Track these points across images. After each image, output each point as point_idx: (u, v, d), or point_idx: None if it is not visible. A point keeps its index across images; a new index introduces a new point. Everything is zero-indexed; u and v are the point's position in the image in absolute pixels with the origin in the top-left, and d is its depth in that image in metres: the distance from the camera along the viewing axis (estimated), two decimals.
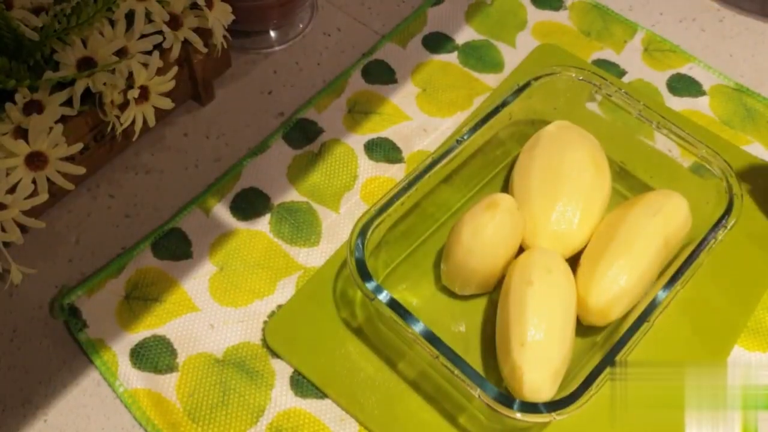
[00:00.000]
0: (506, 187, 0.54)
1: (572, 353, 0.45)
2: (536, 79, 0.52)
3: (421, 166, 0.48)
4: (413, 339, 0.42)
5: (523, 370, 0.42)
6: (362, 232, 0.45)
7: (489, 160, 0.54)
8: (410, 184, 0.47)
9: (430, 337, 0.41)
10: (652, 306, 0.43)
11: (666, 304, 0.43)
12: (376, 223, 0.45)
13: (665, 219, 0.47)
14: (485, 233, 0.45)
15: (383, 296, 0.43)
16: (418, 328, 0.42)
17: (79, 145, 0.46)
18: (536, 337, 0.43)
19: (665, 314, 0.49)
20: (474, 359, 0.47)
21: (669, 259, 0.48)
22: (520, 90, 0.52)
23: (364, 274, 0.43)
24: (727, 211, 0.47)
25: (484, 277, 0.47)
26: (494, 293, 0.49)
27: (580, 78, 0.53)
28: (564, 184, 0.49)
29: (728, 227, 0.47)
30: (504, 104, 0.51)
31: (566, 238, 0.49)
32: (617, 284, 0.45)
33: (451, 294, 0.49)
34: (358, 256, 0.44)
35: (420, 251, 0.51)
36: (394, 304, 0.43)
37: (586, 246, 0.49)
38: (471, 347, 0.48)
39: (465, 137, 0.49)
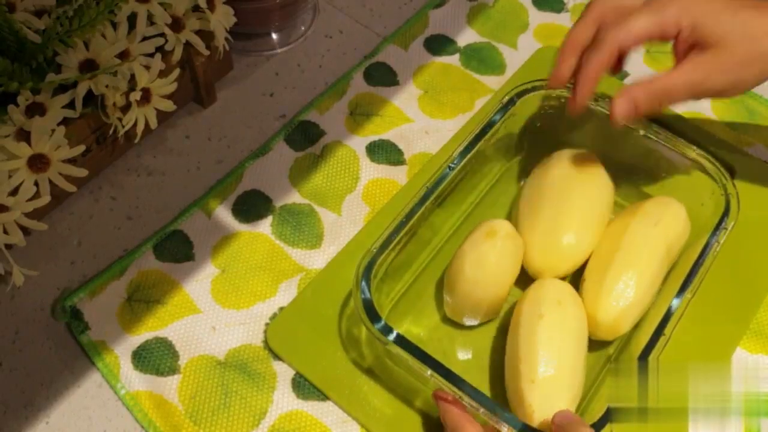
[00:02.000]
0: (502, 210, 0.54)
1: (584, 377, 0.44)
2: (520, 95, 0.51)
3: (416, 197, 0.46)
4: (430, 377, 0.40)
5: (533, 408, 0.41)
6: (366, 273, 0.43)
7: (476, 178, 0.53)
8: (408, 218, 0.46)
9: (448, 375, 0.40)
10: (666, 318, 0.42)
11: (679, 315, 0.43)
12: (379, 261, 0.44)
13: (666, 228, 0.47)
14: (488, 263, 0.45)
15: (393, 337, 0.41)
16: (432, 365, 0.40)
17: (81, 147, 0.47)
18: (547, 373, 0.42)
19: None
20: (484, 387, 0.47)
21: (671, 266, 0.48)
22: (506, 108, 0.51)
23: (373, 316, 0.42)
24: (725, 213, 0.47)
25: (490, 305, 0.47)
26: (499, 320, 0.49)
27: (563, 99, 0.51)
28: (561, 200, 0.49)
29: (728, 229, 0.46)
30: (490, 124, 0.50)
31: (568, 255, 0.48)
32: (625, 298, 0.45)
33: (456, 323, 0.49)
34: (365, 297, 0.42)
35: (421, 280, 0.50)
36: (404, 343, 0.41)
37: (588, 259, 0.49)
38: (482, 375, 0.47)
39: (456, 163, 0.48)
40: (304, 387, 0.47)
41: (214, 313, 0.49)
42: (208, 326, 0.49)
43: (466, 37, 0.66)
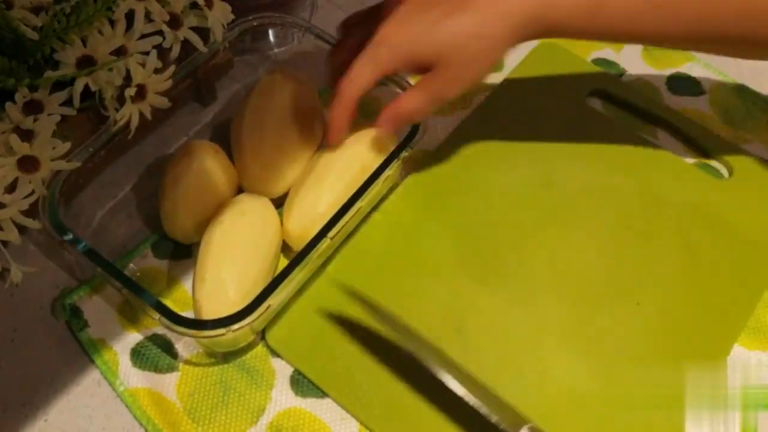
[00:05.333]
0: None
1: (266, 277, 0.48)
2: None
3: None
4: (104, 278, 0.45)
5: (201, 303, 0.45)
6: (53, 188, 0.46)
7: None
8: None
9: (115, 273, 0.44)
10: (332, 223, 0.45)
11: (344, 222, 0.46)
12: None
13: (362, 148, 0.51)
14: (184, 181, 0.50)
15: (82, 247, 0.44)
16: (106, 267, 0.44)
17: (67, 145, 0.46)
18: (215, 272, 0.46)
19: (666, 313, 0.49)
20: None
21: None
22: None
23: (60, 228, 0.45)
24: (408, 137, 0.50)
25: (197, 222, 0.50)
26: None
27: None
28: (271, 128, 0.52)
29: (412, 148, 0.50)
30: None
31: (275, 176, 0.52)
32: (314, 210, 0.49)
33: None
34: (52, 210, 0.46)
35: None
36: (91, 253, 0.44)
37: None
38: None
39: None
40: (302, 384, 0.47)
41: None
42: None
43: None
